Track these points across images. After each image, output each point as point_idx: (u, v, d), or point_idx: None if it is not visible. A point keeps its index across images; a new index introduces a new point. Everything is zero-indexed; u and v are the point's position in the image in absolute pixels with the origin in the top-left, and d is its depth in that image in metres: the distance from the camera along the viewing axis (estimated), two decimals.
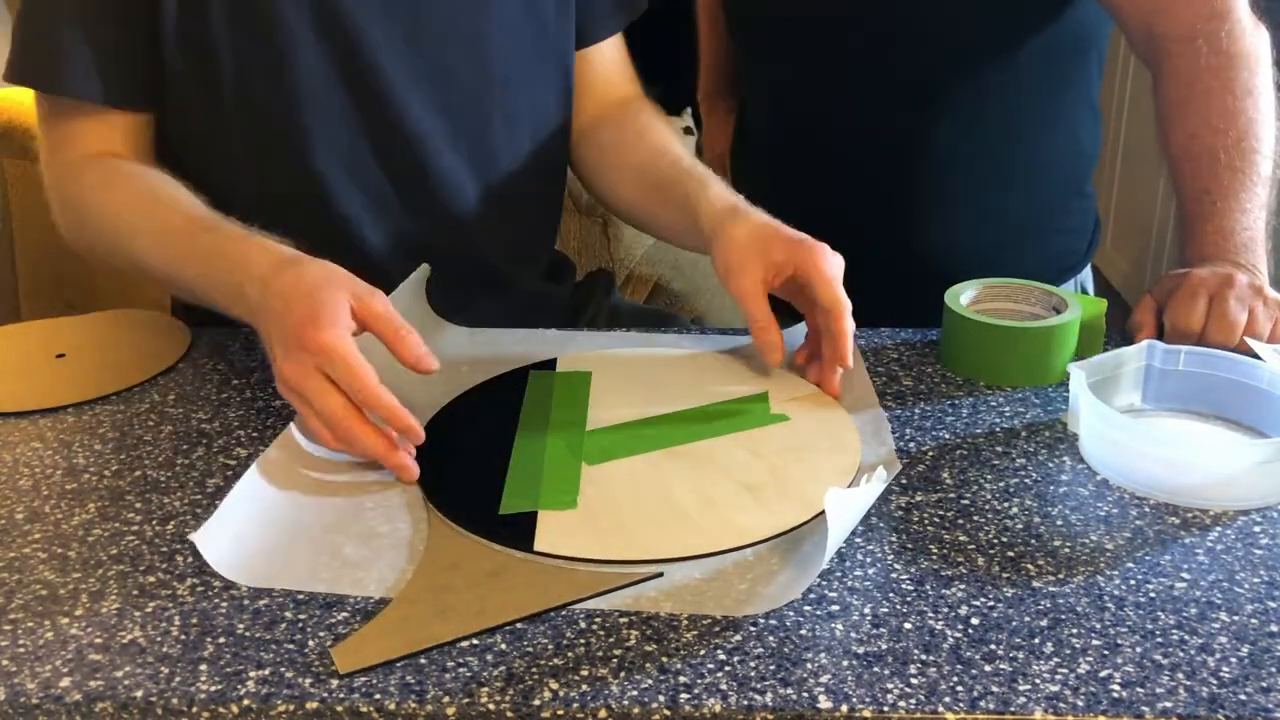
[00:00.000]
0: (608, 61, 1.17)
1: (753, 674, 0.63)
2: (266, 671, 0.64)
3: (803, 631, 0.66)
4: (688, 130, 2.64)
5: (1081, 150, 1.24)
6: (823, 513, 0.70)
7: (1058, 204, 1.24)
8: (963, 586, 0.70)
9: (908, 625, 0.67)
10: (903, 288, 1.06)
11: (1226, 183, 0.97)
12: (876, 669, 0.63)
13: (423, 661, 0.64)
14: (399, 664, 0.64)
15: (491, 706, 0.61)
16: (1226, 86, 1.00)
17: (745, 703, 0.61)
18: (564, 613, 0.68)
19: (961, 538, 0.75)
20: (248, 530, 0.75)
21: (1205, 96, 1.00)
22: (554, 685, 0.62)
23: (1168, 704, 0.61)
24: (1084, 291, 1.30)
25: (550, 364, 0.98)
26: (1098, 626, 0.67)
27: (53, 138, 1.02)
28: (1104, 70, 1.24)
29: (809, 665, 0.63)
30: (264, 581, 0.71)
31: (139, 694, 0.62)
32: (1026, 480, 0.82)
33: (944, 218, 1.20)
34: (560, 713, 0.61)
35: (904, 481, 0.81)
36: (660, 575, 0.70)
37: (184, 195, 0.96)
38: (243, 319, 0.88)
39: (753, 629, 0.66)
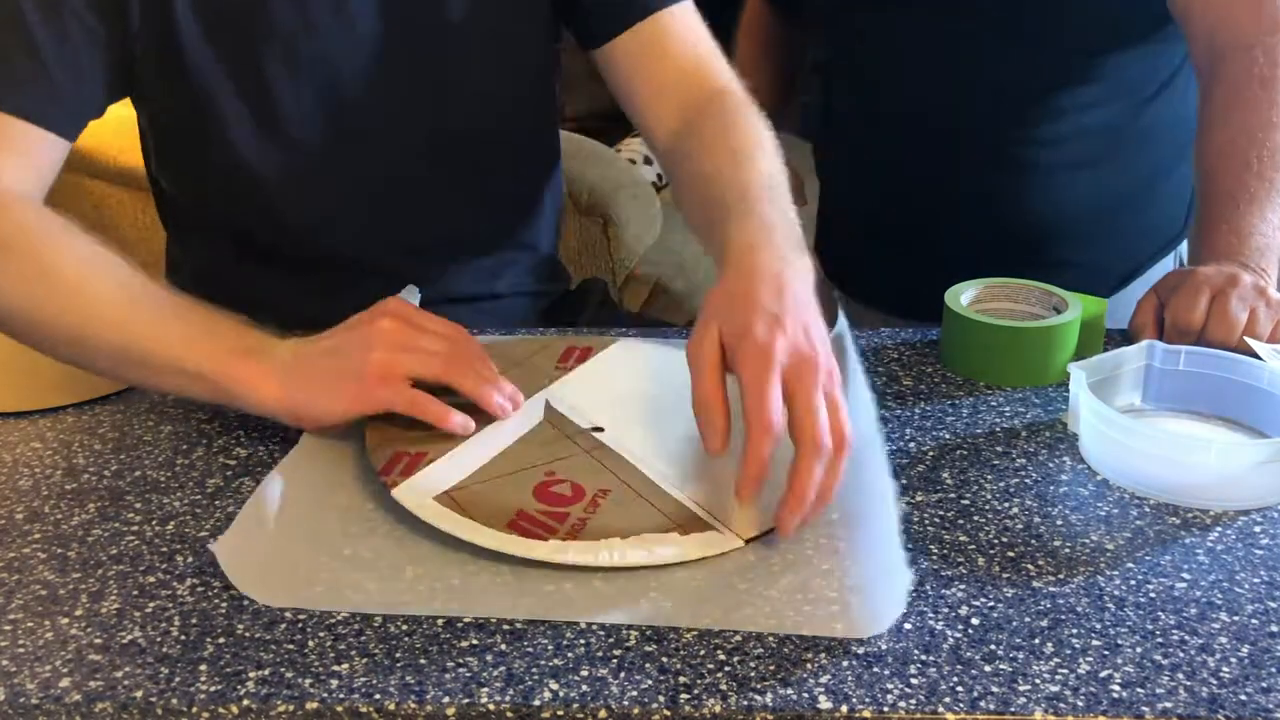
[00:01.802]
0: (678, 43, 1.03)
1: (753, 674, 0.63)
2: (266, 671, 0.64)
3: (803, 631, 0.66)
4: None
5: (1189, 113, 1.24)
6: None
7: (1164, 170, 1.25)
8: (963, 586, 0.70)
9: (908, 625, 0.67)
10: (1005, 251, 1.09)
11: (1253, 189, 0.98)
12: (876, 669, 0.63)
13: (422, 661, 0.64)
14: (399, 664, 0.64)
15: (491, 706, 0.61)
16: (1272, 99, 1.02)
17: (745, 703, 0.61)
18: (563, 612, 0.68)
19: (961, 538, 0.75)
20: (262, 546, 0.74)
21: (1250, 104, 1.02)
22: (554, 685, 0.62)
23: (1168, 704, 0.61)
24: (1181, 264, 1.31)
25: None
26: (1098, 626, 0.67)
27: None
28: None
29: (809, 665, 0.63)
30: (285, 601, 0.69)
31: (139, 694, 0.62)
32: (1026, 480, 0.81)
33: (1054, 184, 1.21)
34: (560, 713, 0.61)
35: (904, 481, 0.81)
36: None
37: (139, 270, 0.89)
38: (225, 391, 0.83)
39: (752, 628, 0.66)
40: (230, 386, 0.82)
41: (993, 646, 0.65)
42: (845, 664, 0.63)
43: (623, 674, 0.63)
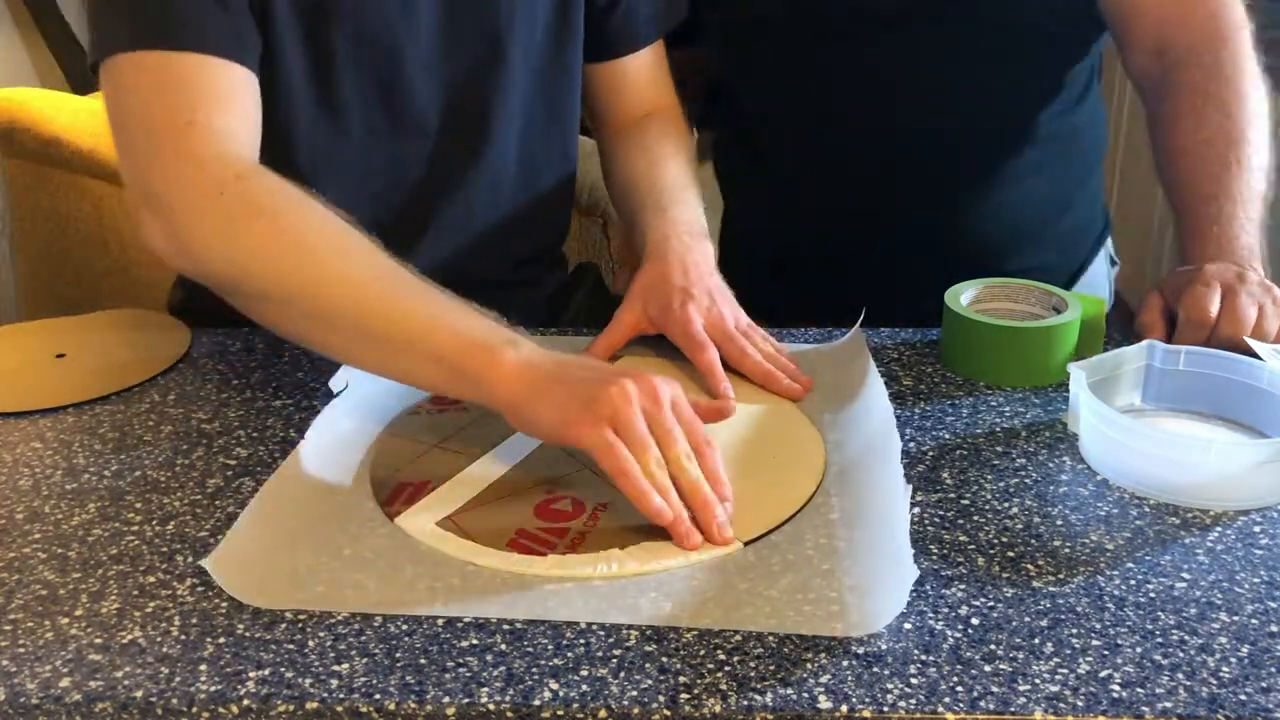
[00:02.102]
0: (644, 70, 1.17)
1: (753, 674, 0.63)
2: (266, 671, 0.64)
3: (803, 631, 0.66)
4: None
5: (1093, 142, 1.25)
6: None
7: (1091, 167, 1.26)
8: (963, 586, 0.70)
9: (908, 625, 0.67)
10: (957, 267, 1.07)
11: (1236, 190, 0.99)
12: (876, 669, 0.63)
13: (422, 661, 0.64)
14: (399, 664, 0.64)
15: (491, 706, 0.61)
16: (1241, 100, 1.02)
17: (745, 703, 0.61)
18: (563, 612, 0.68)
19: (961, 538, 0.75)
20: (258, 552, 0.73)
21: (1223, 107, 1.02)
22: (554, 685, 0.62)
23: (1168, 704, 0.61)
24: (1111, 260, 1.31)
25: None
26: (1098, 626, 0.67)
27: (170, 113, 0.86)
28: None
29: (809, 665, 0.63)
30: (285, 603, 0.69)
31: (139, 694, 0.62)
32: (1026, 480, 0.81)
33: (1005, 194, 1.20)
34: (560, 713, 0.61)
35: (908, 488, 0.81)
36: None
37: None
38: (467, 378, 0.79)
39: (753, 629, 0.66)
40: (466, 374, 0.79)
41: (993, 646, 0.65)
42: (845, 664, 0.63)
43: (623, 674, 0.63)
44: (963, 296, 0.99)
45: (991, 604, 0.68)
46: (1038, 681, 0.62)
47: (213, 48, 0.87)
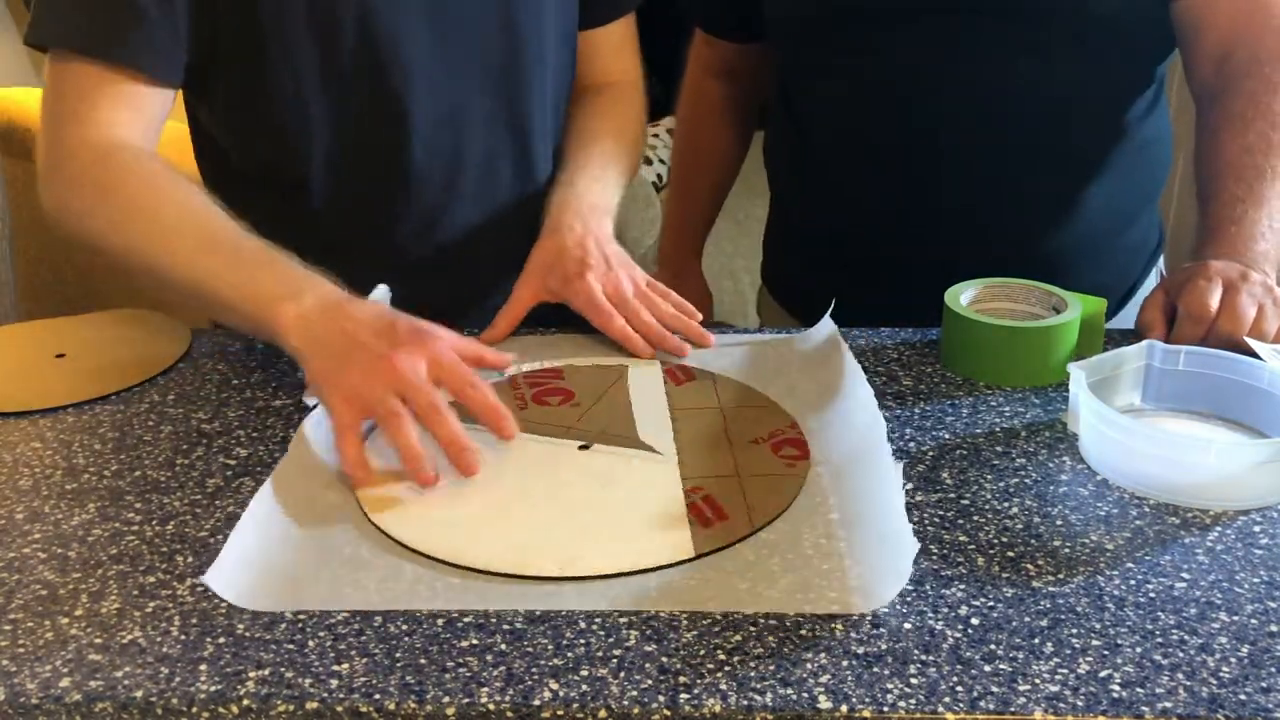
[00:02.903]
0: (612, 44, 1.19)
1: (753, 674, 0.63)
2: (266, 671, 0.64)
3: (803, 631, 0.66)
4: None
5: (1158, 159, 1.24)
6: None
7: (1157, 185, 1.24)
8: (963, 586, 0.70)
9: (907, 625, 0.67)
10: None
11: (1262, 196, 0.99)
12: (876, 669, 0.63)
13: (422, 661, 0.64)
14: (399, 664, 0.64)
15: (491, 706, 0.61)
16: None
17: (745, 703, 0.61)
18: (563, 613, 0.68)
19: (961, 538, 0.75)
20: (256, 557, 0.73)
21: (1272, 118, 1.02)
22: (554, 685, 0.62)
23: (1168, 704, 0.61)
24: (1163, 277, 1.29)
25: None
26: (1098, 626, 0.67)
27: (81, 110, 0.97)
28: None
29: (809, 665, 0.63)
30: (286, 604, 0.69)
31: (139, 694, 0.62)
32: (1026, 480, 0.82)
33: (1061, 206, 1.18)
34: (560, 713, 0.61)
35: (904, 481, 0.81)
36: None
37: (220, 211, 0.94)
38: (267, 333, 0.89)
39: (752, 629, 0.66)
40: (263, 327, 0.89)
41: (993, 646, 0.65)
42: (845, 664, 0.64)
43: (623, 674, 0.63)
44: (963, 296, 0.99)
45: (991, 604, 0.68)
46: (1038, 681, 0.62)
47: (120, 58, 0.97)
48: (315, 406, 0.87)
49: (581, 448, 0.85)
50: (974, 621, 0.67)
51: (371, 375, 0.82)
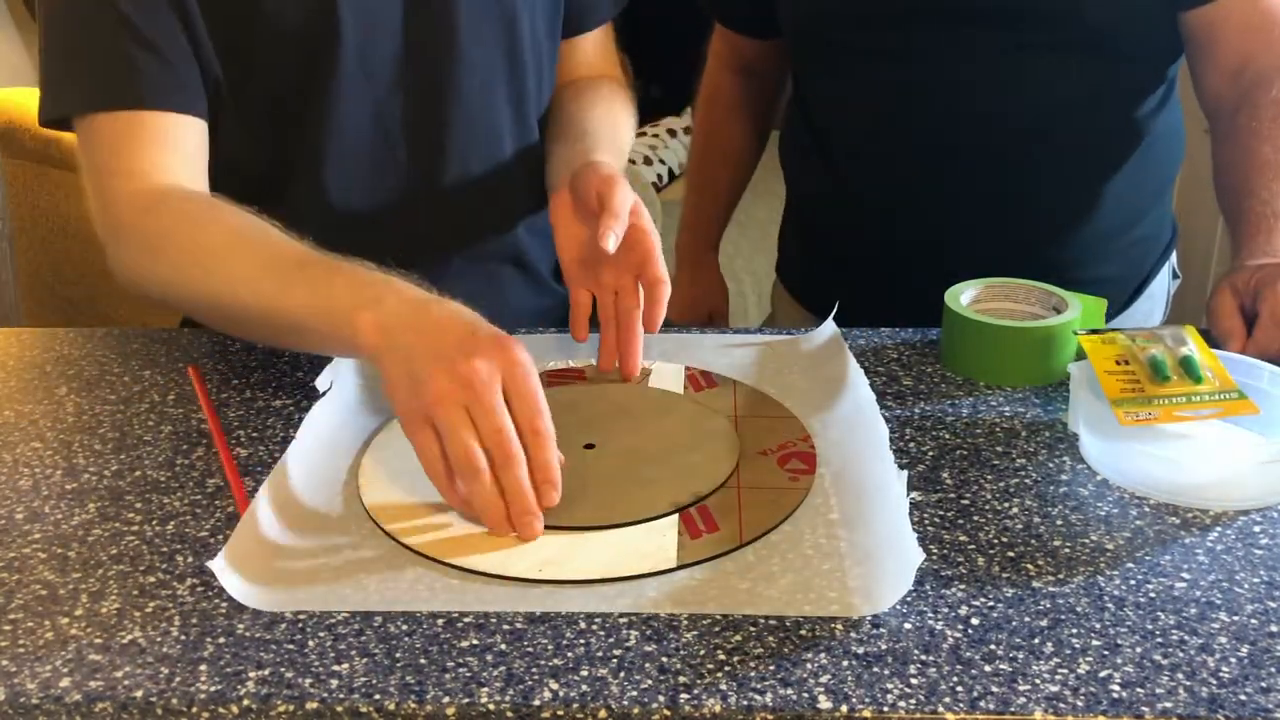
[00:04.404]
0: (592, 50, 1.19)
1: (753, 674, 0.63)
2: (266, 671, 0.64)
3: (803, 632, 0.66)
4: (688, 130, 2.63)
5: (1170, 152, 1.24)
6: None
7: (1169, 178, 1.25)
8: (963, 586, 0.70)
9: (907, 625, 0.67)
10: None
11: None
12: (876, 669, 0.63)
13: (422, 661, 0.64)
14: (399, 664, 0.64)
15: (491, 706, 0.61)
16: None
17: (745, 703, 0.61)
18: (563, 613, 0.68)
19: (961, 538, 0.75)
20: (259, 555, 0.73)
21: None
22: (554, 685, 0.62)
23: (1168, 704, 0.61)
24: (1174, 273, 1.30)
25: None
26: (1098, 626, 0.67)
27: (115, 164, 0.94)
28: None
29: (809, 665, 0.63)
30: (286, 604, 0.69)
31: (139, 694, 0.62)
32: (1026, 480, 0.82)
33: (1078, 195, 1.19)
34: (560, 713, 0.61)
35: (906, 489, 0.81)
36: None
37: (279, 231, 0.89)
38: (347, 347, 0.82)
39: (752, 629, 0.66)
40: (343, 343, 0.81)
41: (993, 646, 0.65)
42: (845, 664, 0.64)
43: (623, 674, 0.63)
44: (963, 296, 0.99)
45: (991, 604, 0.68)
46: (1038, 681, 0.62)
47: (149, 102, 0.95)
48: (326, 392, 0.88)
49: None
50: (974, 621, 0.67)
51: (451, 409, 0.73)
